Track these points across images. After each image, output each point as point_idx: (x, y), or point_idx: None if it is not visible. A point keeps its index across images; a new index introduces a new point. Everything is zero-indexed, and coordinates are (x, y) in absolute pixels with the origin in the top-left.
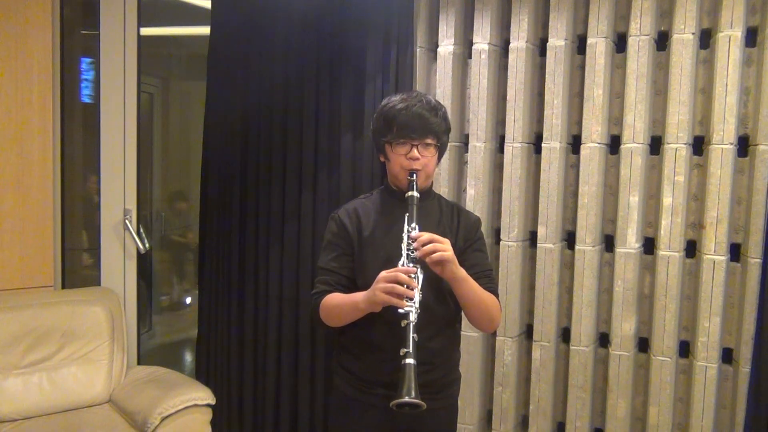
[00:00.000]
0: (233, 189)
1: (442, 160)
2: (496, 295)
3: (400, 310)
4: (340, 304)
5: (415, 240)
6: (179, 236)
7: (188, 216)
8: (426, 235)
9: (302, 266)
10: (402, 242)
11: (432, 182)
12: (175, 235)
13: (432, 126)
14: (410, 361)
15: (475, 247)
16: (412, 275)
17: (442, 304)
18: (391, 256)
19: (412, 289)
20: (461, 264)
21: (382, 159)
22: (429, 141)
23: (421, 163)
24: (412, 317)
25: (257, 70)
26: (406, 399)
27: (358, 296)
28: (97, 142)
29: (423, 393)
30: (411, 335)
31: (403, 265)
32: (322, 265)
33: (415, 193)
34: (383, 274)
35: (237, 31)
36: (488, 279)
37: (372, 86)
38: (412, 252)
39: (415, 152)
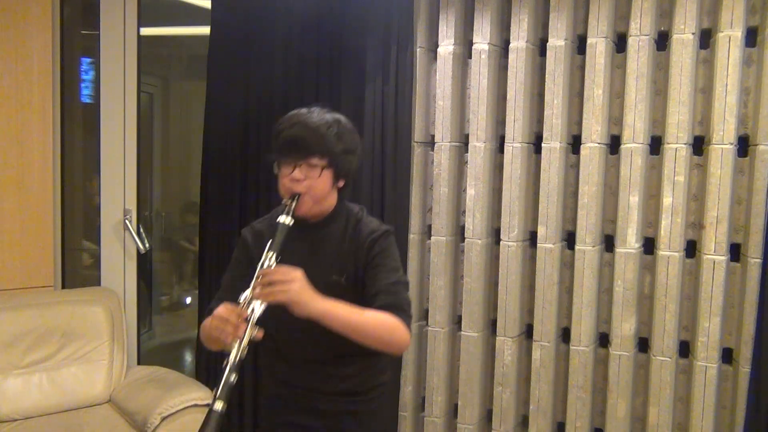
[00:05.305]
0: (233, 189)
1: (442, 160)
2: (398, 308)
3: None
4: None
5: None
6: (186, 241)
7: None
8: (268, 274)
9: None
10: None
11: (336, 204)
12: (183, 241)
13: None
14: (217, 406)
15: (372, 264)
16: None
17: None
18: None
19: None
20: (363, 288)
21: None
22: (314, 162)
23: (304, 186)
24: (232, 357)
25: (257, 70)
26: None
27: None
28: (97, 143)
29: (340, 398)
30: (225, 376)
31: (245, 299)
32: None
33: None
34: (220, 310)
35: (237, 31)
36: (386, 294)
37: (372, 86)
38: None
39: (297, 173)
